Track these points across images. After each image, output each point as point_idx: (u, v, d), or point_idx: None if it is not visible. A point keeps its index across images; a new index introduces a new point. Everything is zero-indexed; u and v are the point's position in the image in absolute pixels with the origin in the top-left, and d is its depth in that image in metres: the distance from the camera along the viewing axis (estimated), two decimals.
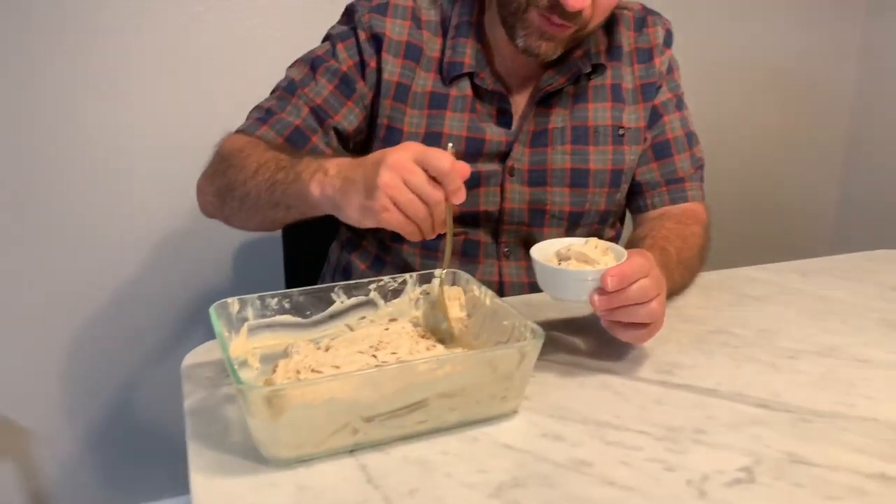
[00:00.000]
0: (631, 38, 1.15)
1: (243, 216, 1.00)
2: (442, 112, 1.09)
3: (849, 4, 2.23)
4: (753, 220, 2.31)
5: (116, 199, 1.65)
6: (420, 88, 1.09)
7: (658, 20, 1.18)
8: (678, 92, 1.19)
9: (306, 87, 1.09)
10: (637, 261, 0.80)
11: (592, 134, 1.12)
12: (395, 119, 1.09)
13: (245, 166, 0.96)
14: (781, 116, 2.26)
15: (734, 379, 0.84)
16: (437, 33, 1.11)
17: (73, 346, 1.70)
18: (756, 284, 1.13)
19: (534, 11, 0.99)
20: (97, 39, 1.56)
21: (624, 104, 1.13)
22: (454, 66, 1.08)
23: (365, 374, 0.69)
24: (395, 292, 0.88)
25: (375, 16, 1.09)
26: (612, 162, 1.13)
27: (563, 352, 0.90)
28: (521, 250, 1.15)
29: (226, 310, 0.78)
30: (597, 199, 1.14)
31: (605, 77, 1.13)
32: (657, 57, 1.16)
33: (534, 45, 1.01)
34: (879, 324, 0.99)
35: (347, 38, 1.10)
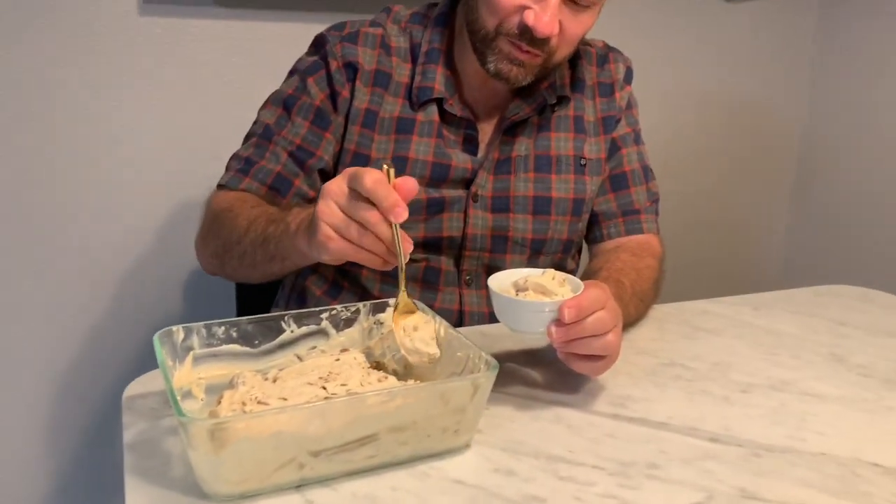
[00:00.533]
0: (593, 72, 1.18)
1: (244, 273, 1.00)
2: (409, 137, 1.09)
3: (798, 42, 2.30)
4: (705, 251, 2.34)
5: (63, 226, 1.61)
6: (388, 114, 1.09)
7: (619, 57, 1.21)
8: (636, 127, 1.22)
9: (283, 130, 1.09)
10: (593, 292, 0.80)
11: (555, 163, 1.13)
12: (363, 145, 1.09)
13: (237, 225, 0.97)
14: (733, 150, 2.30)
15: (687, 412, 0.84)
16: (407, 59, 1.12)
17: (13, 372, 1.64)
18: (709, 317, 1.13)
19: (503, 39, 1.00)
20: (90, 55, 1.54)
21: (586, 135, 1.15)
22: (424, 91, 1.09)
23: (313, 406, 0.67)
24: (347, 321, 0.86)
25: (348, 45, 1.10)
26: (574, 191, 1.14)
27: (517, 384, 0.89)
28: (482, 279, 1.14)
29: (170, 338, 0.76)
30: (559, 227, 1.14)
31: (569, 108, 1.15)
32: (617, 91, 1.18)
33: (504, 69, 1.02)
34: (829, 359, 1.00)
35: (317, 71, 1.10)
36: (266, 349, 0.82)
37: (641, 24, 2.07)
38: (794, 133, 2.38)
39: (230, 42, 1.65)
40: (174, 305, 1.74)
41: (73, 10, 1.53)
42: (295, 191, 1.08)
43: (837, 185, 2.28)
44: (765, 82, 2.28)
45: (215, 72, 1.65)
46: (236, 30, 1.65)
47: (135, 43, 1.58)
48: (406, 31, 1.13)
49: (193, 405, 0.75)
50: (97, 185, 1.61)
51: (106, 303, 1.67)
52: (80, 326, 1.67)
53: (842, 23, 2.23)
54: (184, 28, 1.61)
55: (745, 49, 2.22)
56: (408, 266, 1.09)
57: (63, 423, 1.70)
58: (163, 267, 1.70)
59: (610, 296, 0.83)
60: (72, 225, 1.61)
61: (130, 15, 1.57)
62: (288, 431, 0.64)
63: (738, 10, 2.18)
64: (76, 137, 1.58)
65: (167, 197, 1.67)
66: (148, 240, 1.68)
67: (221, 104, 1.67)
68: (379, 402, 0.67)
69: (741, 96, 2.26)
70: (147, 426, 0.77)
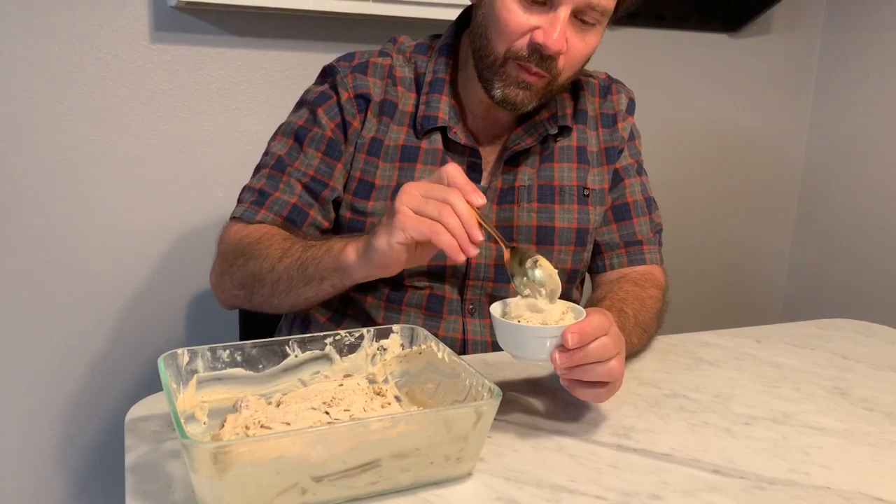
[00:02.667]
0: (596, 103, 1.19)
1: (276, 301, 1.01)
2: (413, 165, 1.10)
3: (801, 75, 2.32)
4: (708, 284, 2.35)
5: (68, 250, 1.62)
6: (392, 142, 1.11)
7: (622, 88, 1.22)
8: (639, 159, 1.23)
9: (296, 162, 1.10)
10: (597, 319, 0.80)
11: (558, 193, 1.14)
12: (368, 172, 1.10)
13: (269, 255, 0.99)
14: (735, 182, 2.32)
15: (689, 444, 0.84)
16: (411, 89, 1.13)
17: (16, 394, 1.63)
18: (711, 349, 1.13)
19: (512, 63, 1.02)
20: (87, 92, 1.56)
21: (589, 166, 1.16)
22: (428, 120, 1.10)
23: (316, 431, 0.67)
24: (351, 347, 0.86)
25: (359, 76, 1.11)
26: (578, 221, 1.15)
27: (520, 412, 0.89)
28: (485, 308, 1.14)
29: (175, 361, 0.76)
30: (563, 256, 1.15)
31: (571, 139, 1.16)
32: (620, 122, 1.19)
33: (510, 94, 1.04)
34: (831, 392, 1.00)
35: (327, 101, 1.12)
36: (270, 373, 0.82)
37: (646, 56, 2.10)
38: (796, 165, 2.39)
39: (240, 69, 1.67)
40: (176, 330, 1.74)
41: (85, 37, 1.55)
42: (310, 221, 1.09)
43: (839, 218, 2.29)
44: (767, 115, 2.31)
45: (225, 99, 1.67)
46: (246, 58, 1.67)
47: (145, 70, 1.61)
48: (410, 61, 1.15)
49: (196, 429, 0.75)
50: (103, 209, 1.62)
51: (109, 326, 1.68)
52: (84, 349, 1.67)
53: (843, 57, 2.25)
54: (194, 55, 1.64)
55: (747, 82, 2.25)
56: (411, 294, 1.11)
57: (66, 445, 1.69)
58: (166, 291, 1.71)
59: (613, 322, 0.83)
60: (77, 248, 1.62)
61: (142, 42, 1.60)
62: (290, 456, 0.64)
63: (741, 44, 2.21)
64: (83, 162, 1.59)
65: (172, 222, 1.68)
66: (152, 264, 1.69)
67: (230, 131, 1.69)
68: (382, 427, 0.67)
69: (744, 129, 2.28)
70: (149, 449, 0.77)
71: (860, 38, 2.20)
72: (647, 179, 1.23)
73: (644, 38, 2.08)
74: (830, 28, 2.28)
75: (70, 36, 1.54)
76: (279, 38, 1.69)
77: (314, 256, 0.94)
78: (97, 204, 1.62)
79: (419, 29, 1.63)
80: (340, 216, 1.12)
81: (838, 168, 2.29)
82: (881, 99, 2.15)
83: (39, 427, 1.67)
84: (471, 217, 0.81)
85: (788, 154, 2.37)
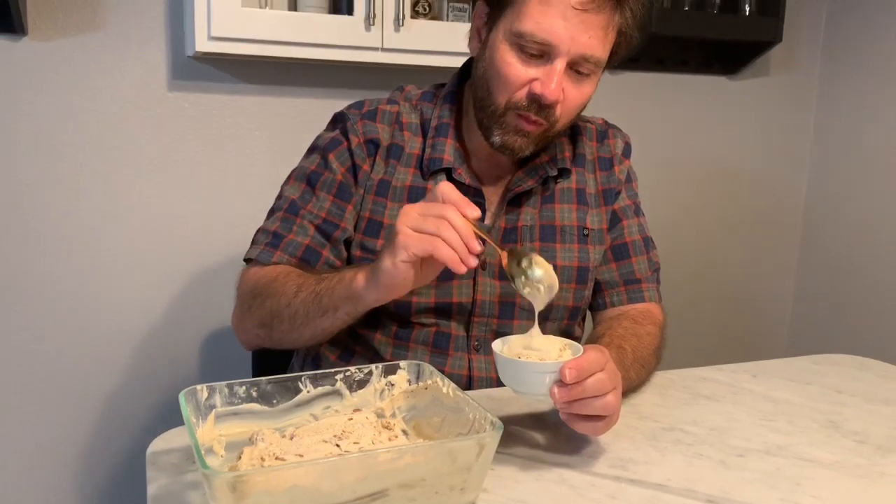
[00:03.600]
0: (594, 147, 1.24)
1: (294, 335, 1.06)
2: None
3: (799, 116, 2.37)
4: (713, 318, 2.38)
5: (89, 290, 1.67)
6: (400, 183, 1.16)
7: (618, 133, 1.28)
8: (636, 200, 1.27)
9: (308, 205, 1.16)
10: (593, 355, 0.84)
11: (559, 233, 1.18)
12: (377, 212, 1.16)
13: (285, 291, 1.05)
14: (738, 222, 2.36)
15: (685, 475, 0.87)
16: (418, 134, 1.19)
17: (42, 432, 1.68)
18: (709, 384, 1.17)
19: (511, 113, 1.07)
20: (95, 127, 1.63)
21: (588, 207, 1.21)
22: (434, 162, 1.16)
23: (327, 461, 0.71)
24: (360, 383, 0.90)
25: (368, 122, 1.17)
26: (579, 259, 1.19)
27: (522, 445, 0.93)
28: (490, 344, 1.18)
29: (194, 396, 0.81)
30: (564, 294, 1.19)
31: (571, 181, 1.21)
32: (616, 165, 1.24)
33: (509, 141, 1.09)
34: (825, 425, 1.03)
35: (338, 146, 1.17)
36: (284, 408, 0.86)
37: (648, 99, 2.16)
38: (798, 201, 2.43)
39: (253, 116, 1.74)
40: (190, 367, 1.78)
41: (105, 86, 1.63)
42: (323, 260, 1.14)
43: (842, 253, 2.32)
44: (768, 154, 2.36)
45: (238, 144, 1.74)
46: (259, 104, 1.74)
47: (163, 116, 1.68)
48: (416, 108, 1.21)
49: (214, 461, 0.79)
50: (122, 249, 1.68)
51: (128, 363, 1.73)
52: (104, 386, 1.72)
53: (841, 96, 2.31)
54: (209, 102, 1.71)
55: (747, 123, 2.30)
56: (418, 331, 1.15)
57: (90, 477, 1.74)
58: (182, 329, 1.76)
59: (609, 358, 0.87)
60: (97, 289, 1.68)
61: (160, 90, 1.67)
62: (304, 485, 0.68)
63: (740, 86, 2.27)
64: (103, 204, 1.66)
65: (190, 262, 1.74)
66: (169, 305, 1.74)
67: (244, 174, 1.75)
68: (389, 459, 0.71)
69: (746, 167, 2.33)
70: (170, 480, 0.81)
71: (857, 78, 2.26)
72: (644, 220, 1.27)
73: (646, 81, 2.15)
74: (827, 69, 2.34)
75: (93, 86, 1.62)
76: (291, 85, 1.76)
77: (327, 287, 0.99)
78: (117, 244, 1.68)
79: (425, 76, 1.70)
80: (351, 255, 1.16)
81: (839, 204, 2.33)
82: (880, 135, 2.20)
83: (66, 458, 1.71)
84: (468, 229, 0.86)
85: (790, 191, 2.41)
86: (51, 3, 1.56)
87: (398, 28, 1.63)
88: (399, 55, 1.66)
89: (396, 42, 1.64)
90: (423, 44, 1.65)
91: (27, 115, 1.58)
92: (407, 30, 1.64)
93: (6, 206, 1.59)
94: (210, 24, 1.52)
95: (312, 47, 1.61)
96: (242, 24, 1.55)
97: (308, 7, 1.64)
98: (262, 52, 1.59)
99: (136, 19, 1.63)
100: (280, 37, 1.58)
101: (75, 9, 1.58)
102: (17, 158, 1.59)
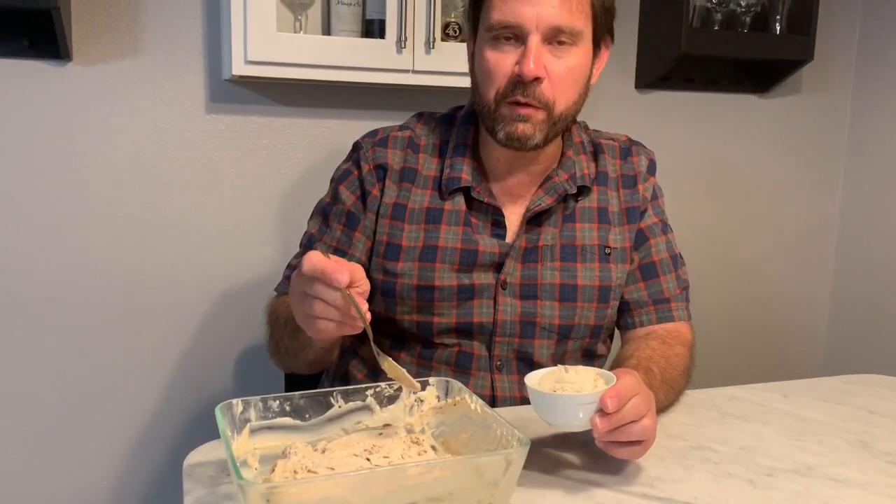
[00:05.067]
0: (616, 165, 1.25)
1: (295, 365, 1.16)
2: (437, 226, 1.17)
3: (832, 137, 2.36)
4: (747, 337, 2.36)
5: (128, 308, 1.72)
6: (417, 205, 1.19)
7: (641, 151, 1.28)
8: (663, 217, 1.28)
9: (324, 237, 1.22)
10: (628, 380, 0.86)
11: (580, 252, 1.19)
12: (394, 236, 1.18)
13: (279, 323, 1.13)
14: (772, 240, 2.34)
15: (712, 494, 0.87)
16: (434, 155, 1.22)
17: (81, 444, 1.72)
18: (738, 403, 1.17)
19: (504, 105, 1.10)
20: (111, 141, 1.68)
21: (610, 225, 1.21)
22: (452, 181, 1.18)
23: (358, 474, 0.73)
24: (390, 398, 0.92)
25: (378, 149, 1.21)
26: (600, 278, 1.19)
27: (549, 462, 0.94)
28: (513, 364, 1.19)
29: (230, 410, 0.83)
30: (585, 313, 1.19)
31: (592, 200, 1.22)
32: (640, 184, 1.25)
33: (511, 130, 1.10)
34: (855, 445, 1.03)
35: (348, 177, 1.23)
36: (316, 422, 0.88)
37: (679, 119, 2.16)
38: (832, 220, 2.40)
39: (288, 137, 1.78)
40: (227, 383, 1.82)
41: (145, 108, 1.68)
42: None
43: (879, 273, 2.29)
44: (801, 173, 2.33)
45: (274, 164, 1.78)
46: (294, 126, 1.78)
47: (201, 138, 1.72)
48: (435, 130, 1.24)
49: (248, 474, 0.81)
50: (161, 267, 1.73)
51: (167, 378, 1.77)
52: (143, 400, 1.76)
53: (874, 114, 2.29)
54: (245, 124, 1.75)
55: (779, 141, 2.29)
56: (441, 351, 1.17)
57: (128, 488, 1.78)
58: (218, 346, 1.79)
59: (640, 381, 0.89)
60: (137, 306, 1.72)
61: (198, 113, 1.72)
62: (335, 497, 0.70)
63: (771, 104, 2.26)
64: (145, 223, 1.70)
65: (225, 280, 1.78)
66: (204, 322, 1.78)
67: (279, 193, 1.79)
68: (418, 473, 0.73)
69: (778, 186, 2.31)
70: (206, 492, 0.83)
71: (891, 96, 2.24)
72: (672, 237, 1.27)
73: (676, 100, 2.15)
74: (861, 87, 2.32)
75: (133, 108, 1.67)
76: (325, 107, 1.80)
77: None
78: (156, 262, 1.72)
79: (454, 97, 1.71)
80: (373, 278, 1.18)
81: (875, 224, 2.30)
82: None
83: (104, 470, 1.75)
84: (341, 301, 0.85)
85: (823, 211, 2.39)
86: (94, 30, 1.62)
87: (429, 50, 1.66)
88: (430, 77, 1.69)
89: (427, 64, 1.67)
90: (453, 65, 1.68)
91: (72, 137, 1.63)
92: (437, 52, 1.67)
93: (51, 227, 1.64)
94: (246, 49, 1.57)
95: (345, 70, 1.64)
96: (278, 49, 1.59)
97: (341, 31, 1.67)
98: (296, 76, 1.63)
99: (175, 44, 1.68)
100: (314, 60, 1.62)
101: (118, 35, 1.64)
102: (63, 179, 1.64)
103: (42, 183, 1.63)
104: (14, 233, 1.63)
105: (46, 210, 1.64)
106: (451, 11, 1.74)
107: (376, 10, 1.67)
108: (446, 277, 1.16)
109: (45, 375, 1.68)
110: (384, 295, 1.18)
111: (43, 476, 1.71)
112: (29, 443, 1.69)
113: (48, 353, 1.68)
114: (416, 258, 1.17)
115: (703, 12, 2.04)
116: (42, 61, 1.59)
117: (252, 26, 1.56)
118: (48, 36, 1.51)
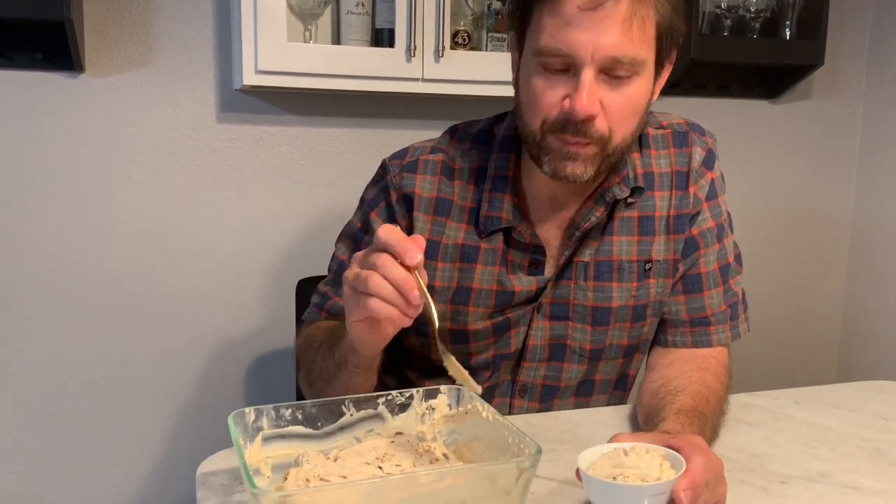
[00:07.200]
0: (671, 157, 1.11)
1: (330, 391, 1.03)
2: (472, 266, 1.10)
3: (844, 142, 2.35)
4: (757, 347, 2.34)
5: (142, 319, 1.73)
6: (451, 241, 1.10)
7: (698, 139, 1.13)
8: (720, 220, 1.14)
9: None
10: (700, 463, 0.76)
11: (616, 270, 1.10)
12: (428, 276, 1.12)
13: (313, 348, 1.08)
14: (784, 246, 2.33)
15: (726, 501, 0.87)
16: (471, 181, 1.11)
17: (94, 453, 1.73)
18: (751, 410, 1.16)
19: (550, 136, 0.98)
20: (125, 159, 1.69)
21: (654, 235, 1.11)
22: (491, 221, 1.08)
23: (370, 482, 0.73)
24: (402, 407, 0.92)
25: (406, 175, 1.11)
26: (635, 298, 1.11)
27: (563, 470, 0.93)
28: (537, 391, 1.15)
29: (242, 419, 0.83)
30: (618, 334, 1.13)
31: (633, 208, 1.10)
32: (692, 185, 1.11)
33: (559, 168, 0.99)
34: (870, 452, 1.02)
35: (379, 204, 1.14)
36: (328, 431, 0.88)
37: None
38: (845, 226, 2.39)
39: (299, 146, 1.79)
40: (239, 391, 1.82)
41: (157, 118, 1.69)
42: None
43: (892, 278, 2.28)
44: (812, 178, 2.32)
45: (285, 173, 1.79)
46: (305, 135, 1.79)
47: (212, 147, 1.73)
48: (471, 152, 1.12)
49: (261, 482, 0.81)
50: (174, 278, 1.74)
51: (179, 387, 1.78)
52: (156, 409, 1.77)
53: (887, 118, 2.28)
54: (257, 134, 1.76)
55: (790, 147, 2.28)
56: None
57: (141, 497, 1.80)
58: (230, 355, 1.80)
59: (709, 452, 0.80)
60: (151, 316, 1.73)
61: (209, 122, 1.73)
62: None
63: (782, 109, 2.25)
64: (157, 233, 1.71)
65: (238, 289, 1.79)
66: (217, 331, 1.79)
67: (290, 203, 1.80)
68: (430, 481, 0.73)
69: (790, 192, 2.30)
70: (219, 501, 0.84)
71: None
72: (730, 240, 1.16)
73: (687, 106, 2.14)
74: (872, 92, 2.31)
75: (145, 118, 1.68)
76: (335, 115, 1.80)
77: (337, 339, 1.00)
78: (169, 272, 1.73)
79: (464, 105, 1.73)
80: None
81: (888, 228, 2.29)
82: None
83: (124, 476, 1.76)
84: (406, 280, 0.79)
85: (835, 216, 2.37)
86: (107, 42, 1.64)
87: (438, 59, 1.67)
88: (439, 85, 1.70)
89: (436, 73, 1.68)
90: (463, 74, 1.68)
91: (85, 147, 1.65)
92: (447, 60, 1.68)
93: (64, 236, 1.65)
94: (257, 59, 1.58)
95: (355, 79, 1.65)
96: (288, 59, 1.60)
97: (351, 41, 1.68)
98: (306, 85, 1.64)
99: (186, 55, 1.69)
100: (324, 70, 1.63)
101: (130, 46, 1.65)
102: (77, 188, 1.65)
103: (57, 193, 1.64)
104: (28, 243, 1.64)
105: (60, 219, 1.65)
106: (459, 20, 1.75)
107: (386, 19, 1.68)
108: (479, 322, 1.10)
109: (58, 386, 1.69)
110: (417, 335, 1.13)
111: (54, 489, 1.72)
112: (42, 452, 1.70)
113: (61, 364, 1.69)
114: (448, 300, 1.10)
115: (713, 18, 2.03)
116: (55, 73, 1.61)
117: (262, 36, 1.57)
118: (61, 48, 1.52)
